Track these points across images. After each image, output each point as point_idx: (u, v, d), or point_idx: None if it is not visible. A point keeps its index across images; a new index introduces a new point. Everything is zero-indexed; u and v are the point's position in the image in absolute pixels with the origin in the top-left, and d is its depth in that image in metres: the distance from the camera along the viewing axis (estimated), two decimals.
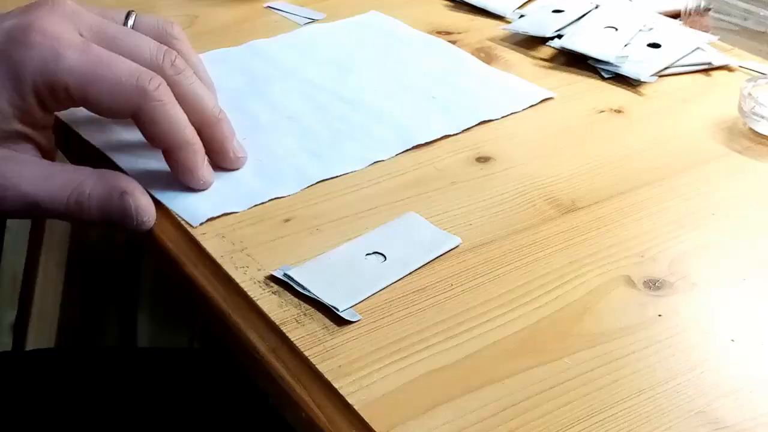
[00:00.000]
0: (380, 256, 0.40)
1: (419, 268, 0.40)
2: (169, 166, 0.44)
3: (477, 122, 0.53)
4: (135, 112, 0.41)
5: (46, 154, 0.44)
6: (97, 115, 0.45)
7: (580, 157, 0.50)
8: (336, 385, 0.34)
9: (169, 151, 0.43)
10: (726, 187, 0.47)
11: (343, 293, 0.38)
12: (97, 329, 1.13)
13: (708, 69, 0.60)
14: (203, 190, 0.44)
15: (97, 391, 0.62)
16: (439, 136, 0.51)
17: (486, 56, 0.61)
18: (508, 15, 0.68)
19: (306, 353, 0.35)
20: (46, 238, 1.08)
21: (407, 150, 0.49)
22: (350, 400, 0.33)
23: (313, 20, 0.66)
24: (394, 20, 0.66)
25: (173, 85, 0.43)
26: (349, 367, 0.34)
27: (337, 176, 0.47)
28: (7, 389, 0.62)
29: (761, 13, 0.66)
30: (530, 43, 0.64)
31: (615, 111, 0.55)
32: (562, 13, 0.65)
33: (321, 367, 0.34)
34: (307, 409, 0.33)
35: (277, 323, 0.37)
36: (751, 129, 0.53)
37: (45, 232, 1.08)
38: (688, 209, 0.45)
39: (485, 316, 0.37)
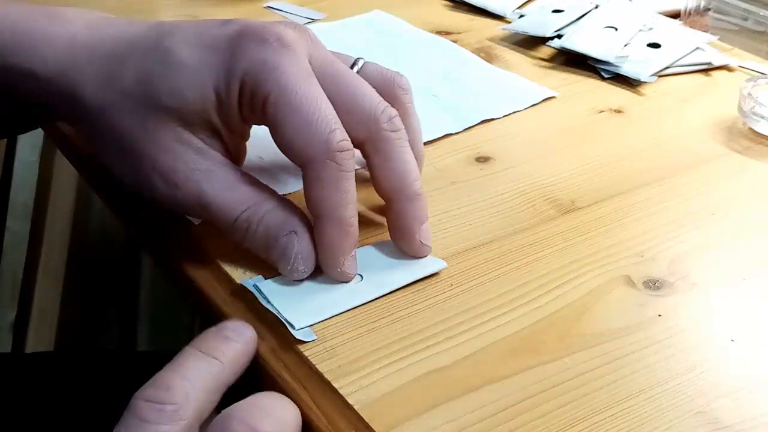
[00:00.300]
0: (358, 276, 0.39)
1: (395, 290, 0.39)
2: (315, 236, 0.39)
3: (479, 121, 0.53)
4: (307, 162, 0.38)
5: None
6: None
7: (580, 157, 0.50)
8: (336, 385, 0.34)
9: (318, 219, 0.38)
10: (726, 187, 0.47)
11: (306, 311, 0.37)
12: (97, 329, 1.13)
13: (708, 69, 0.60)
14: (345, 281, 0.39)
15: (97, 394, 0.62)
16: (441, 135, 0.51)
17: (486, 56, 0.61)
18: (507, 15, 0.68)
19: (306, 353, 0.35)
20: (46, 238, 1.08)
21: None
22: (350, 400, 0.33)
23: (313, 20, 0.66)
24: (397, 19, 0.66)
25: (383, 141, 0.40)
26: (349, 367, 0.34)
27: None
28: (6, 392, 0.62)
29: (761, 13, 0.66)
30: (530, 43, 0.64)
31: (615, 111, 0.55)
32: (562, 13, 0.65)
33: (321, 367, 0.34)
34: (307, 409, 0.33)
35: (276, 323, 0.37)
36: (750, 129, 0.53)
37: (45, 231, 1.08)
38: (688, 209, 0.45)
39: (485, 316, 0.37)
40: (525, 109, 0.55)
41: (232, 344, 0.35)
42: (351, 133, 0.39)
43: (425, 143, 0.50)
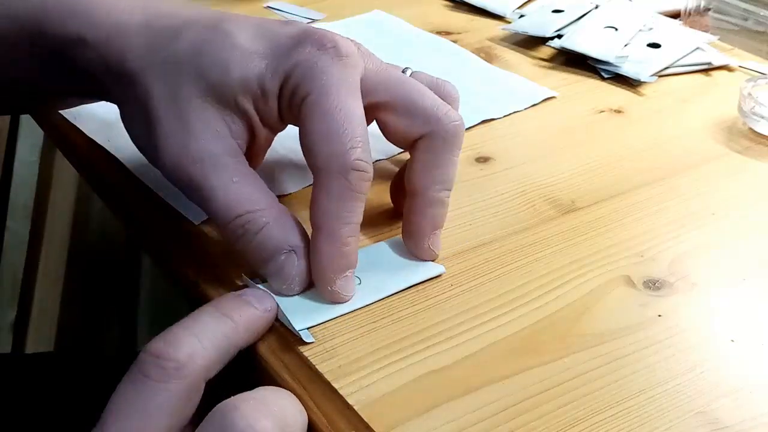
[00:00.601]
0: (356, 278, 0.38)
1: (393, 294, 0.39)
2: (310, 250, 0.38)
3: (479, 121, 0.53)
4: (321, 171, 0.37)
5: (252, 158, 0.41)
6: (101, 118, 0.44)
7: (580, 157, 0.50)
8: (336, 385, 0.34)
9: (315, 231, 0.37)
10: (726, 187, 0.47)
11: (305, 312, 0.37)
12: (97, 330, 1.13)
13: (708, 69, 0.60)
14: (338, 302, 0.37)
15: (97, 395, 0.62)
16: None
17: (486, 56, 0.61)
18: (507, 15, 0.68)
19: (306, 353, 0.35)
20: (46, 238, 1.08)
21: None
22: (350, 401, 0.33)
23: (313, 20, 0.66)
24: (397, 19, 0.66)
25: (441, 139, 0.39)
26: (349, 367, 0.34)
27: None
28: (6, 392, 0.62)
29: (761, 13, 0.66)
30: (530, 43, 0.64)
31: (615, 111, 0.55)
32: (562, 13, 0.65)
33: (321, 367, 0.34)
34: (307, 410, 0.33)
35: (276, 323, 0.37)
36: (751, 129, 0.53)
37: (45, 231, 1.08)
38: (688, 209, 0.45)
39: (485, 316, 0.37)
40: (525, 109, 0.55)
41: (250, 309, 0.35)
42: (408, 130, 0.40)
43: None
